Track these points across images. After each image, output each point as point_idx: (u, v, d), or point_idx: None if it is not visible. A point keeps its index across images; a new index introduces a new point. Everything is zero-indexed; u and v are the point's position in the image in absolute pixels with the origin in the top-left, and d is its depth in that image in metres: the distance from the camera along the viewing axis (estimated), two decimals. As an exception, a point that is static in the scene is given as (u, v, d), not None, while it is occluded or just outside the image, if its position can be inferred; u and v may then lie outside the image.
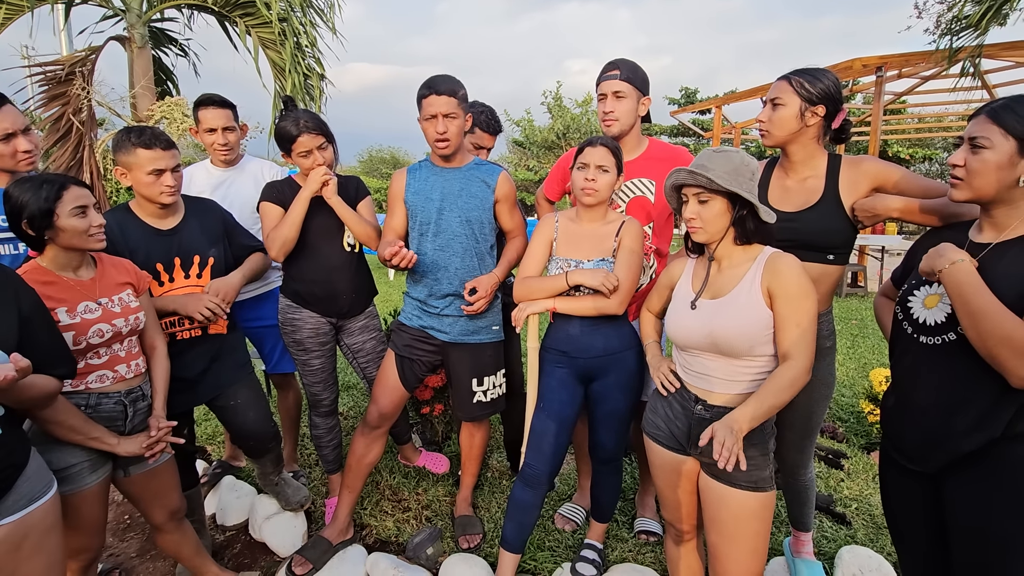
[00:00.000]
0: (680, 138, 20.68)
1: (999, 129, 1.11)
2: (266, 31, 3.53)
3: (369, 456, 2.12)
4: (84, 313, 1.45)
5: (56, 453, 1.43)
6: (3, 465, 1.19)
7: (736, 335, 1.35)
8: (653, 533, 2.21)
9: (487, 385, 2.14)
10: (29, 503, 1.23)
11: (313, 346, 2.17)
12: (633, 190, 2.07)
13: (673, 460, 1.52)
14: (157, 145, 1.72)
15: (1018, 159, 1.11)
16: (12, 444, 1.23)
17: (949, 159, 1.21)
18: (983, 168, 1.14)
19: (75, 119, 3.46)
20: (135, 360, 1.60)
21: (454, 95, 1.92)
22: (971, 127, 1.17)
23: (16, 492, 1.21)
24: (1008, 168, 1.12)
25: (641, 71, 2.01)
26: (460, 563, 2.02)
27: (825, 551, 2.11)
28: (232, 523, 2.35)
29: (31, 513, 1.23)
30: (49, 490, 1.29)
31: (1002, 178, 1.13)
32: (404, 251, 1.82)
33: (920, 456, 1.26)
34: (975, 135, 1.15)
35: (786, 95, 1.58)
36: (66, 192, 1.42)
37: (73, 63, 3.55)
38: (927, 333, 1.22)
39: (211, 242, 1.92)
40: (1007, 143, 1.11)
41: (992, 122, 1.12)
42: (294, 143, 1.99)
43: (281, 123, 2.01)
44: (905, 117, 12.60)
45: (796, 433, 1.76)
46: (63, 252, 1.46)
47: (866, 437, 3.01)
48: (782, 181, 1.70)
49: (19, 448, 1.25)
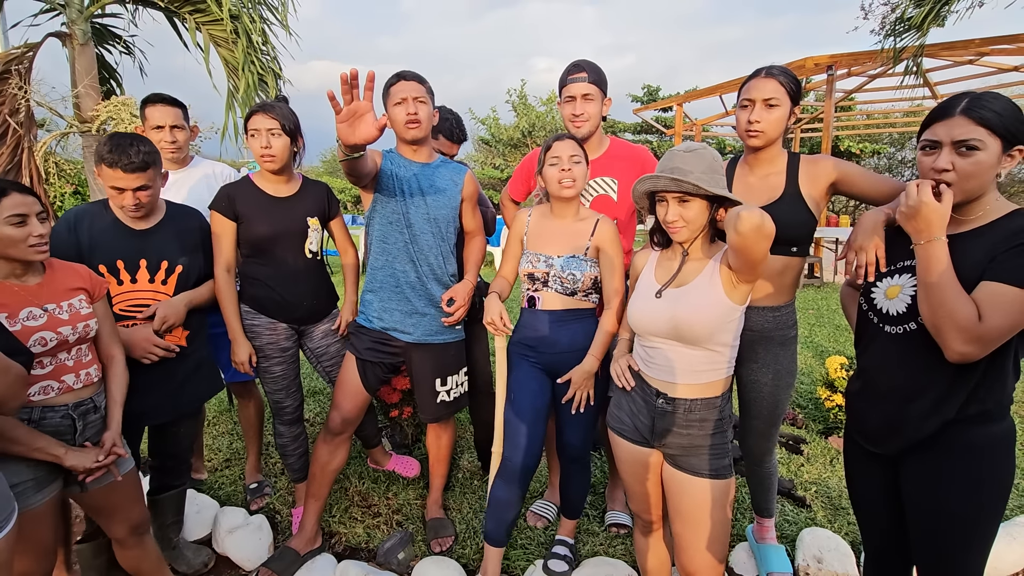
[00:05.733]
0: (643, 135, 21.00)
1: (985, 130, 1.12)
2: (218, 28, 3.40)
3: (334, 463, 2.08)
4: (26, 320, 1.37)
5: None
6: None
7: (697, 320, 1.38)
8: (623, 526, 2.24)
9: (450, 384, 2.13)
10: None
11: (274, 352, 2.11)
12: (596, 189, 2.09)
13: (638, 453, 1.54)
14: (118, 166, 1.65)
15: (1001, 157, 1.14)
16: None
17: (935, 164, 1.17)
18: (977, 170, 1.14)
19: (12, 120, 3.26)
20: (85, 369, 1.51)
21: (422, 83, 1.95)
22: (953, 130, 1.14)
23: None
24: (995, 167, 1.14)
25: (603, 72, 2.04)
26: (432, 566, 2.00)
27: (787, 534, 2.18)
28: (194, 538, 2.26)
29: None
30: (8, 522, 1.17)
31: (991, 177, 1.15)
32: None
33: (881, 439, 1.33)
34: (965, 138, 1.13)
35: (780, 95, 1.62)
36: (5, 199, 1.34)
37: (8, 60, 3.34)
38: (891, 323, 1.28)
39: (183, 251, 1.86)
40: (995, 143, 1.13)
41: (976, 123, 1.12)
42: (249, 118, 2.00)
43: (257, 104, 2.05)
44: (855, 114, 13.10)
45: (762, 421, 1.81)
46: (4, 261, 1.38)
47: (824, 423, 3.13)
48: (745, 178, 1.76)
49: None
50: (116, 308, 1.73)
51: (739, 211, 1.20)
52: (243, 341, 2.04)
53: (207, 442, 2.97)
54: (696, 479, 1.43)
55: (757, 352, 1.74)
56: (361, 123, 1.55)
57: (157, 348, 1.76)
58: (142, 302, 1.78)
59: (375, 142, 1.61)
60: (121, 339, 1.69)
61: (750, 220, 1.18)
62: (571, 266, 1.84)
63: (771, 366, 1.75)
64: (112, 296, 1.72)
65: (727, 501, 1.42)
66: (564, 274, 1.84)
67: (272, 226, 2.01)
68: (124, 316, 1.75)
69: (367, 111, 1.55)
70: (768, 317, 1.73)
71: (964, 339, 1.10)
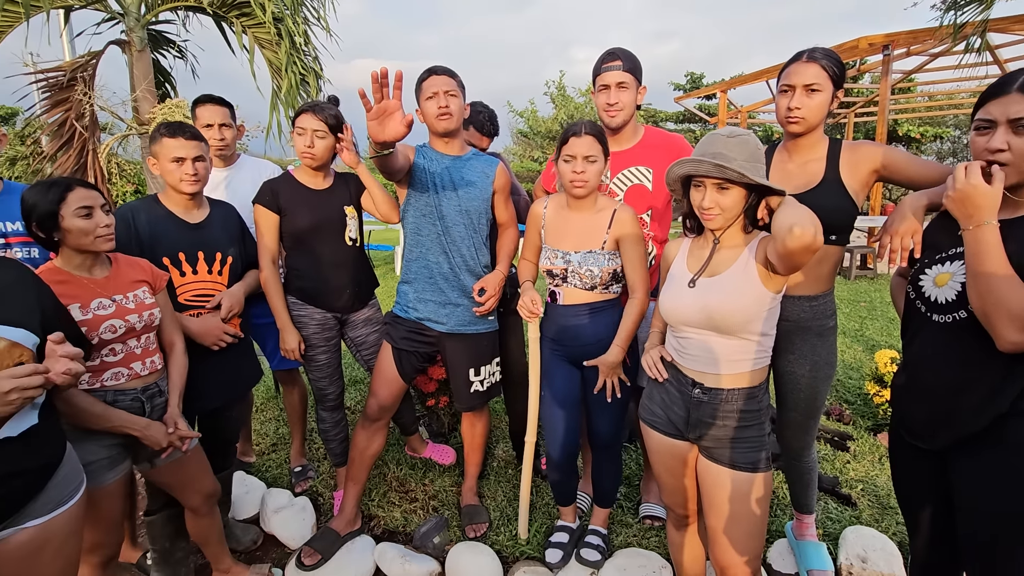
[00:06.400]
0: (686, 124, 20.47)
1: None
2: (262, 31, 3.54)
3: (371, 448, 2.15)
4: (97, 309, 1.48)
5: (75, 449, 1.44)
6: (38, 462, 1.18)
7: (732, 310, 1.35)
8: (658, 518, 2.22)
9: (483, 374, 2.17)
10: (56, 507, 1.22)
11: (319, 341, 2.19)
12: (631, 179, 2.07)
13: (671, 446, 1.52)
14: (180, 135, 1.79)
15: None
16: (50, 437, 1.22)
17: (989, 144, 1.12)
18: None
19: (78, 124, 3.49)
20: (151, 357, 1.62)
21: (453, 77, 1.99)
22: (1009, 108, 1.08)
23: (45, 495, 1.20)
24: None
25: (638, 60, 2.00)
26: (466, 551, 2.05)
27: (830, 532, 2.11)
28: (243, 517, 2.39)
29: (56, 518, 1.21)
30: (76, 494, 1.28)
31: None
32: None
33: (928, 434, 1.27)
34: (1022, 115, 1.07)
35: (823, 80, 1.57)
36: (70, 194, 1.45)
37: (74, 68, 3.58)
38: (939, 311, 1.22)
39: (231, 242, 1.97)
40: None
41: None
42: (298, 116, 2.08)
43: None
44: (915, 96, 12.33)
45: (800, 414, 1.76)
46: (75, 253, 1.49)
47: (872, 419, 3.00)
48: (783, 165, 1.71)
49: (56, 443, 1.25)
50: (181, 299, 1.83)
51: (791, 224, 1.16)
52: (292, 329, 2.13)
53: (255, 427, 3.12)
54: (732, 472, 1.40)
55: (794, 343, 1.69)
56: (390, 121, 1.60)
57: (226, 335, 1.87)
58: (205, 292, 1.89)
59: (404, 139, 1.65)
60: (193, 328, 1.80)
61: (802, 239, 1.15)
62: (588, 262, 1.83)
63: (808, 357, 1.69)
64: (176, 287, 1.83)
65: (764, 495, 1.39)
66: (582, 270, 1.84)
67: (313, 218, 2.09)
68: (189, 306, 1.85)
69: (396, 109, 1.59)
70: (805, 307, 1.68)
71: (1017, 328, 1.04)
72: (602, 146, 1.80)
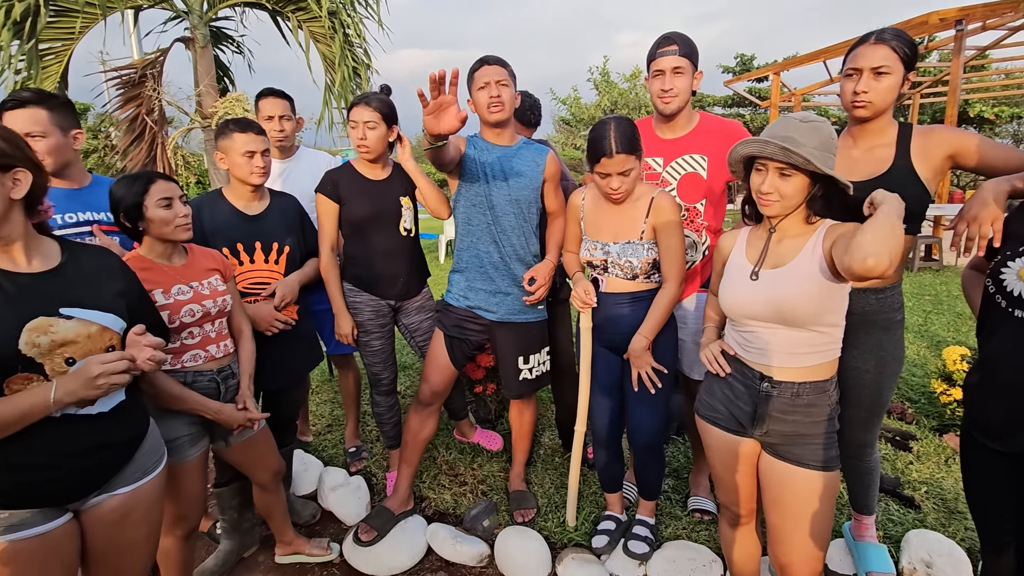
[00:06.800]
0: (735, 108, 19.74)
1: None
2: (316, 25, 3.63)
3: (424, 432, 2.22)
4: (177, 295, 1.59)
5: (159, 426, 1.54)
6: (126, 435, 1.28)
7: (802, 302, 1.30)
8: (707, 512, 2.20)
9: (532, 363, 2.19)
10: (142, 476, 1.31)
11: (373, 327, 2.27)
12: (684, 167, 2.02)
13: (731, 442, 1.48)
14: (250, 130, 1.91)
15: None
16: (135, 413, 1.32)
17: None
18: None
19: (148, 119, 3.71)
20: (224, 341, 1.73)
21: (504, 66, 1.99)
22: None
23: (133, 464, 1.29)
24: None
25: (695, 44, 1.95)
26: (515, 535, 2.09)
27: (890, 534, 2.04)
28: (302, 493, 2.52)
29: (142, 487, 1.31)
30: (160, 464, 1.38)
31: None
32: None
33: (1007, 434, 1.22)
34: None
35: (892, 62, 1.49)
36: (153, 186, 1.55)
37: (144, 65, 3.79)
38: (1022, 307, 1.15)
39: (288, 232, 2.06)
40: None
41: None
42: (351, 109, 2.15)
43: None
44: (989, 74, 11.44)
45: (864, 410, 1.70)
46: (157, 242, 1.59)
47: (938, 419, 2.85)
48: (848, 152, 1.63)
49: (141, 418, 1.35)
50: (239, 287, 1.93)
51: (866, 255, 1.11)
52: (347, 315, 2.21)
53: (311, 408, 3.26)
54: (800, 470, 1.35)
55: (859, 337, 1.62)
56: (445, 115, 1.64)
57: (278, 322, 1.96)
58: (261, 281, 1.98)
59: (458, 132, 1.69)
60: (248, 314, 1.90)
61: (873, 271, 1.12)
62: (627, 253, 1.82)
63: (874, 352, 1.63)
64: (235, 276, 1.93)
65: (831, 495, 1.35)
66: (621, 261, 1.83)
67: (370, 207, 2.15)
68: (246, 293, 1.96)
69: (451, 103, 1.63)
70: (871, 299, 1.61)
71: None
72: (636, 153, 1.76)
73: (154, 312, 1.46)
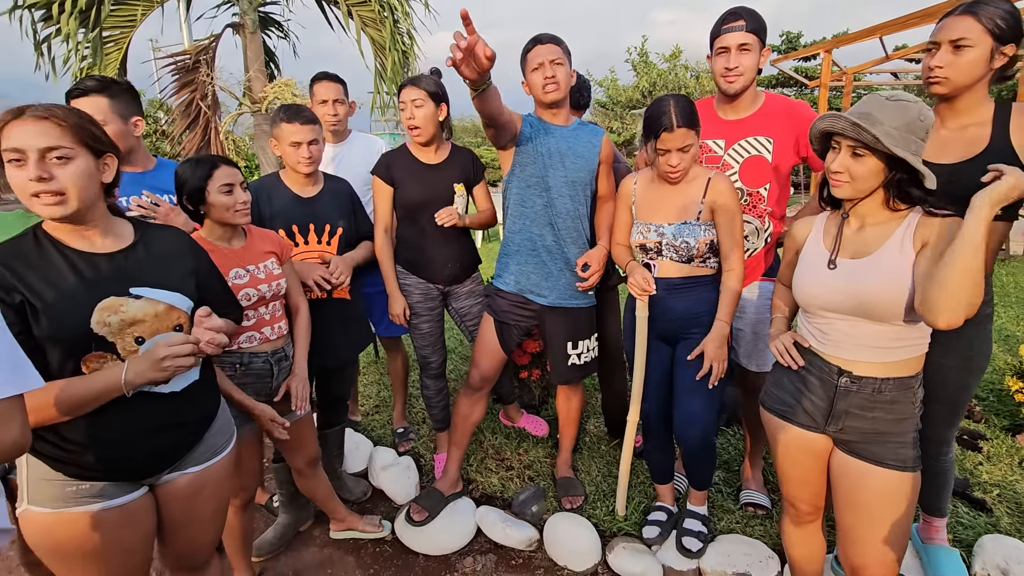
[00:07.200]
0: (779, 88, 18.92)
1: None
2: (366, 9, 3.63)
3: (473, 416, 2.23)
4: (234, 279, 1.62)
5: None
6: (198, 415, 1.32)
7: (888, 297, 1.22)
8: (760, 506, 2.15)
9: (581, 348, 2.16)
10: (213, 455, 1.34)
11: (422, 311, 2.28)
12: (748, 149, 1.94)
13: (803, 438, 1.41)
14: (297, 119, 1.90)
15: None
16: (208, 393, 1.36)
17: None
18: None
19: (202, 104, 3.81)
20: (278, 323, 1.76)
21: (559, 44, 1.94)
22: None
23: (204, 444, 1.32)
24: None
25: (763, 19, 1.85)
26: (565, 522, 2.09)
27: (960, 538, 1.95)
28: (353, 471, 2.58)
29: (213, 466, 1.34)
30: (228, 445, 1.42)
31: None
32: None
33: None
34: None
35: (975, 34, 1.38)
36: (216, 171, 1.58)
37: (198, 51, 3.88)
38: None
39: (341, 215, 2.08)
40: None
41: None
42: (401, 91, 2.15)
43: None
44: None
45: (945, 408, 1.61)
46: (217, 225, 1.63)
47: (1010, 418, 2.70)
48: (936, 131, 1.52)
49: (212, 398, 1.39)
50: None
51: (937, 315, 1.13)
52: (399, 296, 2.23)
53: (360, 389, 3.33)
54: (879, 469, 1.29)
55: (943, 331, 1.53)
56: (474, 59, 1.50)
57: (322, 279, 1.95)
58: (315, 260, 2.01)
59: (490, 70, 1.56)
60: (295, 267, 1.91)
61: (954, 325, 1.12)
62: (683, 233, 1.76)
63: (960, 347, 1.53)
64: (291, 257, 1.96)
65: (912, 496, 1.28)
66: (677, 242, 1.77)
67: (422, 192, 2.15)
68: None
69: (474, 43, 1.46)
70: None
71: None
72: (696, 131, 1.71)
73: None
